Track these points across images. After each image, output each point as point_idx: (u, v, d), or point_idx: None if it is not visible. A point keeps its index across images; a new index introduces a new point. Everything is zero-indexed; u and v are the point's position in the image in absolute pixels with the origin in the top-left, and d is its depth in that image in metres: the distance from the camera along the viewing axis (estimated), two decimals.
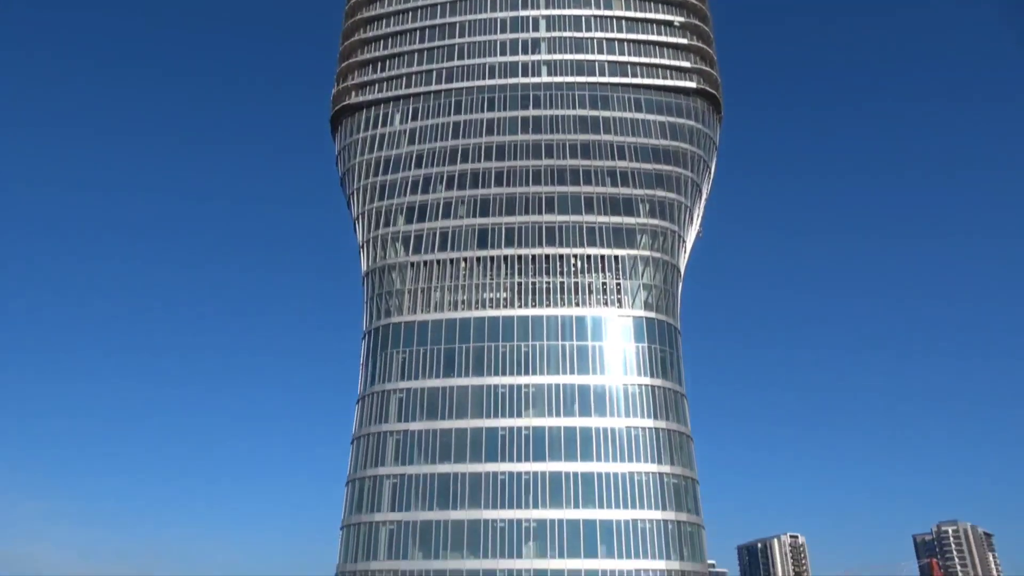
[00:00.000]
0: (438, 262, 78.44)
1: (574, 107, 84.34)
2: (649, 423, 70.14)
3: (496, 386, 72.13)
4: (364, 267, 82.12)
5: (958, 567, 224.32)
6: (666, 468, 68.68)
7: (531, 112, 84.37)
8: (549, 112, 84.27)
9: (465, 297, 76.89)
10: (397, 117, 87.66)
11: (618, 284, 75.98)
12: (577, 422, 69.82)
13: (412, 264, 78.95)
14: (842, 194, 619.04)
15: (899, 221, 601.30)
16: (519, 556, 65.36)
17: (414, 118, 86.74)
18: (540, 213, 78.88)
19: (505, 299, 76.17)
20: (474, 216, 79.72)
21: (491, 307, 76.00)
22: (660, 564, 64.66)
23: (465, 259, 78.19)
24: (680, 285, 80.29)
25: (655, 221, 78.68)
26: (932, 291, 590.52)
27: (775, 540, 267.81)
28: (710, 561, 75.31)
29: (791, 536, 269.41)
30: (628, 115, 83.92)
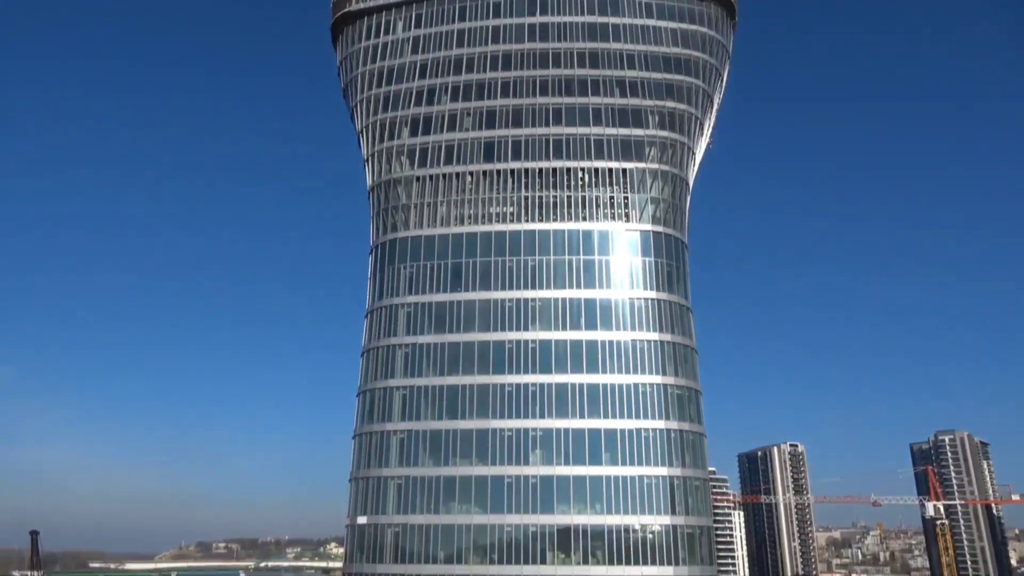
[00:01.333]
0: (444, 176, 77.62)
1: (582, 13, 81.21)
2: (654, 336, 70.92)
3: (503, 300, 72.69)
4: (369, 181, 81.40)
5: (952, 475, 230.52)
6: (670, 379, 69.89)
7: (538, 19, 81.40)
8: (556, 19, 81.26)
9: (472, 211, 76.49)
10: (400, 25, 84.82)
11: (626, 198, 75.27)
12: (583, 335, 70.66)
13: (418, 178, 78.17)
14: (856, 108, 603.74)
15: (910, 141, 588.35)
16: (526, 463, 67.53)
17: (417, 25, 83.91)
18: (547, 125, 77.35)
19: (512, 213, 75.74)
20: (480, 129, 78.30)
21: (498, 221, 75.69)
22: (662, 470, 66.73)
23: (471, 173, 77.33)
24: (688, 198, 79.46)
25: (664, 133, 77.13)
26: (933, 206, 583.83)
27: (775, 449, 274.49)
28: (711, 468, 77.69)
29: (791, 445, 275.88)
30: (638, 21, 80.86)
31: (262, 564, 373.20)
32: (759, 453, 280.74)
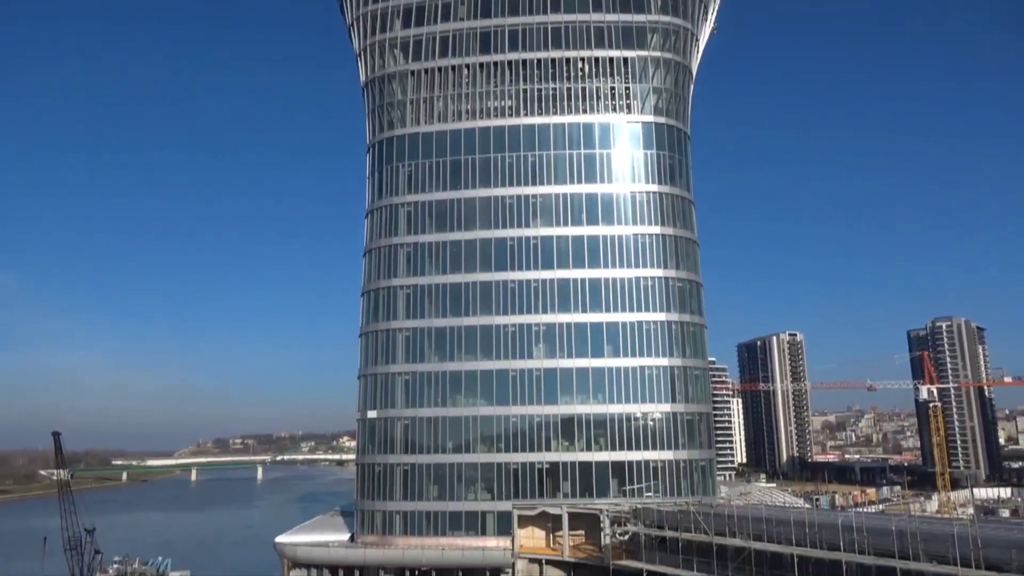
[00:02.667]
0: (439, 69, 75.25)
1: None
2: (656, 230, 70.75)
3: (504, 197, 72.09)
4: (363, 77, 78.98)
5: (948, 360, 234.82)
6: (671, 272, 70.25)
7: None
8: None
9: (469, 106, 74.64)
10: None
11: (627, 88, 73.21)
12: (584, 231, 70.51)
13: (412, 72, 75.82)
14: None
15: (919, 44, 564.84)
16: (529, 357, 68.94)
17: None
18: (545, 12, 74.24)
19: (510, 107, 73.93)
20: (476, 18, 75.22)
21: (496, 116, 73.99)
22: (663, 361, 68.19)
23: (468, 65, 74.89)
24: (692, 87, 77.26)
25: (667, 18, 74.09)
26: (931, 111, 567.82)
27: (773, 338, 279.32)
28: (711, 358, 79.26)
29: (790, 334, 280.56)
30: None
31: (278, 457, 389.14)
32: (758, 343, 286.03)
